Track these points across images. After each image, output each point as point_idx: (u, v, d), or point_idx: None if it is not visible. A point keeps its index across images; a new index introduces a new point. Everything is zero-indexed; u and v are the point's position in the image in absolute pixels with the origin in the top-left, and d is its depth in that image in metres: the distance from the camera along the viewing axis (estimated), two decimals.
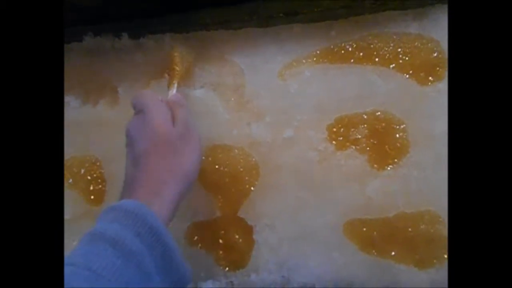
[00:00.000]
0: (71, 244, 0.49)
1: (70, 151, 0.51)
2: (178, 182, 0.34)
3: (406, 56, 0.41)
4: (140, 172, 0.34)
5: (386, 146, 0.39)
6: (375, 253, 0.37)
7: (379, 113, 0.41)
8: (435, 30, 0.40)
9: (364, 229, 0.38)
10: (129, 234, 0.28)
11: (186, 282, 0.31)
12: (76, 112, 0.52)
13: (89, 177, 0.50)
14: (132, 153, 0.35)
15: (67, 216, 0.50)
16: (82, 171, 0.51)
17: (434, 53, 0.40)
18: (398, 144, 0.39)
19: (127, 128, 0.37)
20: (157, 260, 0.28)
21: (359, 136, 0.40)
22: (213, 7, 0.44)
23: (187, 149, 0.36)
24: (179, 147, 0.35)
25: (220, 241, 0.43)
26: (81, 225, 0.49)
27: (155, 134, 0.35)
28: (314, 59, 0.44)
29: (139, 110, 0.37)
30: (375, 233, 0.38)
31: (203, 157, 0.45)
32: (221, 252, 0.43)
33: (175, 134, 0.35)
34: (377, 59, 0.42)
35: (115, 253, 0.26)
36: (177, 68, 0.44)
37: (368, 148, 0.40)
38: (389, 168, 0.39)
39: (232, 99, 0.46)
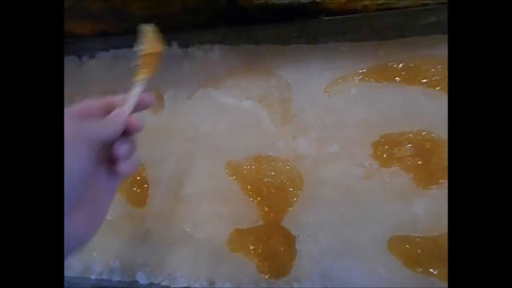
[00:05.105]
0: (110, 244, 0.49)
1: None
2: None
3: None
4: None
5: (431, 166, 0.39)
6: (420, 270, 0.37)
7: (424, 133, 0.40)
8: None
9: (408, 246, 0.38)
10: None
11: None
12: None
13: (132, 180, 0.50)
14: None
15: (108, 217, 0.49)
16: None
17: None
18: (444, 165, 0.38)
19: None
20: None
21: (404, 155, 0.40)
22: (265, 23, 0.44)
23: None
24: None
25: (263, 249, 0.43)
26: (122, 226, 0.49)
27: None
28: (361, 77, 0.43)
29: None
30: (419, 250, 0.37)
31: (248, 166, 0.45)
32: (263, 259, 0.43)
33: None
34: (423, 80, 0.41)
35: None
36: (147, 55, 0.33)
37: (413, 167, 0.40)
38: (434, 188, 0.38)
39: (278, 112, 0.45)
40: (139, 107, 0.32)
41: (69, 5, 0.44)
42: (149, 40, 0.34)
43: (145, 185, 0.49)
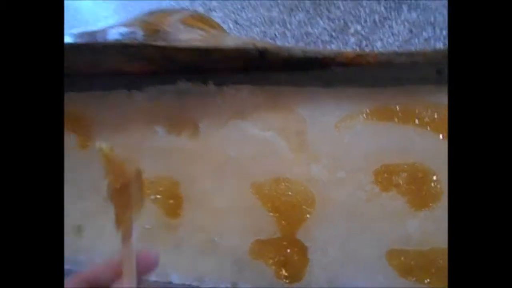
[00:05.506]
0: (148, 249, 0.57)
1: (155, 173, 0.60)
2: None
3: (441, 121, 0.49)
4: None
5: (423, 192, 0.47)
6: (413, 279, 0.44)
7: (417, 164, 0.48)
8: None
9: (403, 258, 0.45)
10: None
11: None
12: (162, 140, 0.61)
13: (168, 195, 0.59)
14: None
15: (148, 225, 0.58)
16: (163, 189, 0.59)
17: None
18: (433, 191, 0.46)
19: None
20: None
21: (401, 182, 0.48)
22: (287, 71, 0.54)
23: None
24: None
25: (279, 257, 0.50)
26: (158, 234, 0.57)
27: None
28: (365, 116, 0.52)
29: None
30: (412, 262, 0.44)
31: (269, 187, 0.54)
32: (279, 267, 0.50)
33: None
34: (416, 121, 0.50)
35: None
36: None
37: (408, 192, 0.47)
38: (425, 210, 0.46)
39: (295, 142, 0.54)
40: (141, 272, 0.23)
41: (130, 53, 0.55)
42: (111, 166, 0.23)
43: (180, 199, 0.58)
